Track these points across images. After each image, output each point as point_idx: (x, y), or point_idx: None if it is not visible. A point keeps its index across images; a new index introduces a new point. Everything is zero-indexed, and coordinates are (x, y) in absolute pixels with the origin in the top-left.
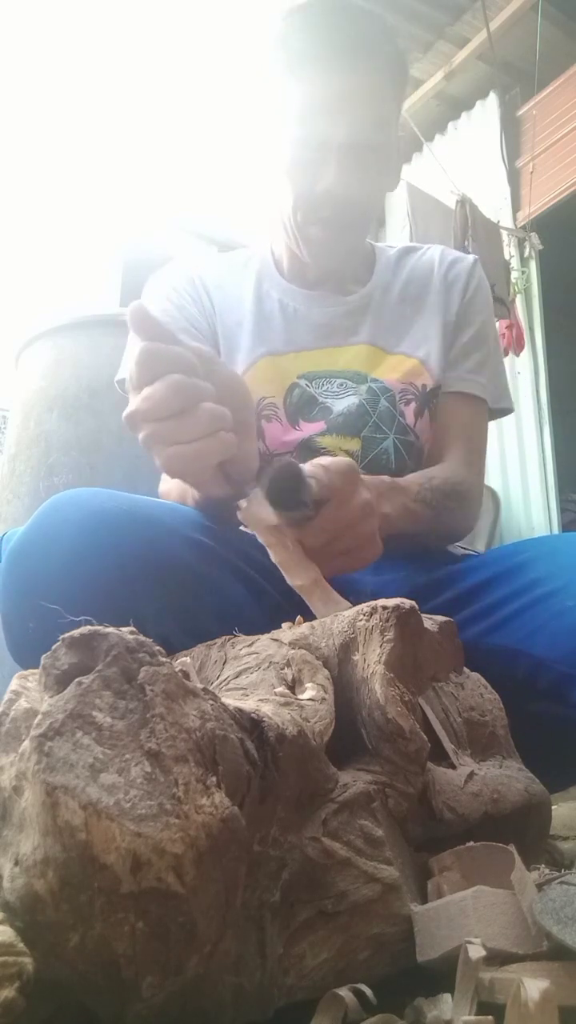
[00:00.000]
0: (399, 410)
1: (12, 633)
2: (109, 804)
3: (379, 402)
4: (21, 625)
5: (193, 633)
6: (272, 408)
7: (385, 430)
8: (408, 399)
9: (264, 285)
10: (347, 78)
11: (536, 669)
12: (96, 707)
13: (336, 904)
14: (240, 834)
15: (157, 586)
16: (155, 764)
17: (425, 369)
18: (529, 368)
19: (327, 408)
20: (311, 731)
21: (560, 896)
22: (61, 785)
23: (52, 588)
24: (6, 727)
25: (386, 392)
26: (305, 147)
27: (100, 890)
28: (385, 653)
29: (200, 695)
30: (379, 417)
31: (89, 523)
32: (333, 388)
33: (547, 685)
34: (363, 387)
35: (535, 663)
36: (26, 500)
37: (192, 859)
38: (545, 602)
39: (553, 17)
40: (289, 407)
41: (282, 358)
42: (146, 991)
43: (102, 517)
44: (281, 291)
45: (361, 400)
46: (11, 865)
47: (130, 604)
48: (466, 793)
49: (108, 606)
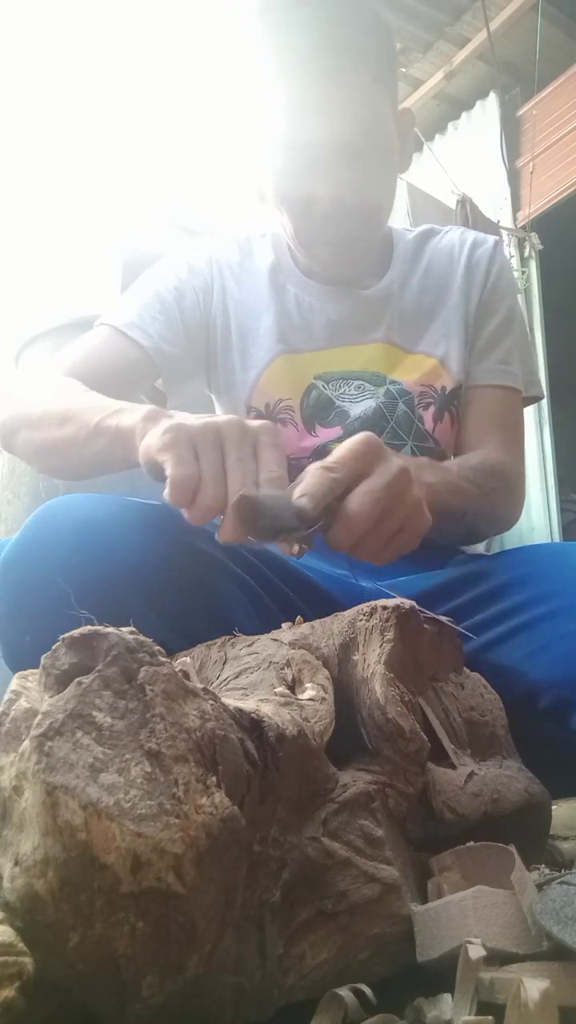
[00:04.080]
0: (417, 415)
1: (6, 641)
2: (109, 804)
3: (397, 406)
4: (15, 634)
5: (189, 639)
6: (288, 411)
7: (403, 436)
8: (427, 402)
9: (279, 278)
10: (324, 86)
11: (535, 691)
12: (96, 707)
13: (336, 904)
14: (240, 834)
15: (151, 593)
16: (155, 764)
17: (445, 370)
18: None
19: (344, 412)
20: (311, 731)
21: (560, 896)
22: (61, 785)
23: (45, 597)
24: (6, 727)
25: (404, 395)
26: (294, 170)
27: (100, 890)
28: (385, 653)
29: (200, 695)
30: (397, 422)
31: (81, 531)
32: (350, 390)
33: (546, 707)
34: (381, 390)
35: (534, 685)
36: (26, 500)
37: (192, 859)
38: (547, 622)
39: (553, 17)
40: (305, 410)
41: (299, 357)
42: (146, 991)
43: (94, 524)
44: (297, 284)
45: (378, 404)
46: (11, 865)
47: (124, 612)
48: (466, 793)
49: (102, 614)
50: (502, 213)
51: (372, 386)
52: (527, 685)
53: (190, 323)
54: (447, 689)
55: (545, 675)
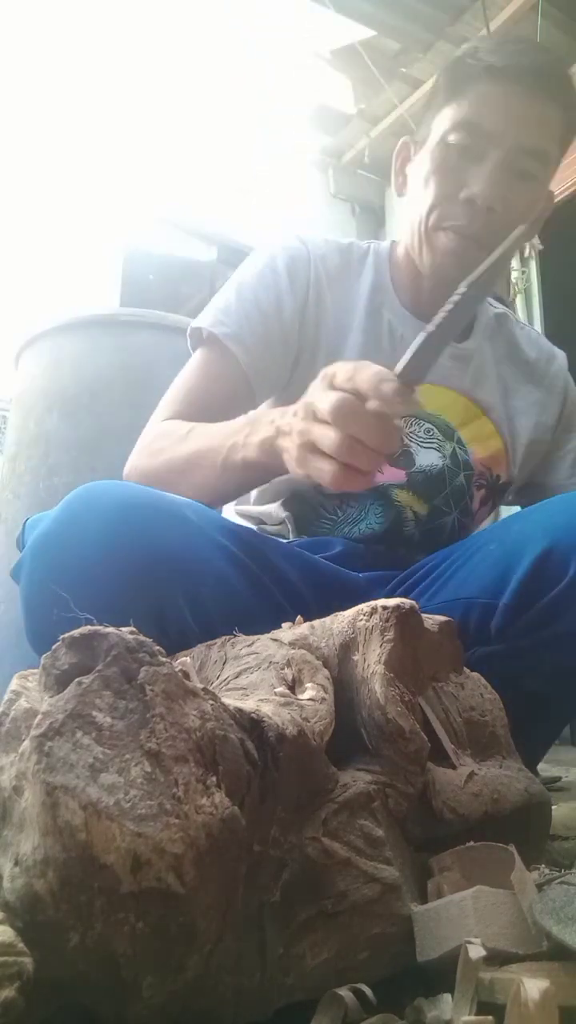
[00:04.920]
0: (470, 492)
1: (33, 619)
2: (109, 804)
3: (458, 477)
4: (44, 612)
5: (208, 632)
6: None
7: (452, 506)
8: (481, 484)
9: (377, 299)
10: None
11: (467, 611)
12: (96, 707)
13: (336, 904)
14: (240, 834)
15: (181, 581)
16: (155, 764)
17: (507, 458)
18: None
19: (410, 456)
20: (311, 731)
21: (560, 896)
22: (61, 785)
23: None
24: (6, 727)
25: (467, 469)
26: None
27: (100, 890)
28: (385, 653)
29: (200, 695)
30: (452, 491)
31: (118, 514)
32: (420, 433)
33: (476, 625)
34: (448, 446)
35: (467, 605)
36: (26, 500)
37: (192, 859)
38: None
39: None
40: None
41: None
42: (146, 991)
43: (131, 509)
44: (393, 312)
45: (444, 465)
46: (11, 865)
47: (154, 596)
48: (466, 793)
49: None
50: None
51: (441, 436)
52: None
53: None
54: (447, 689)
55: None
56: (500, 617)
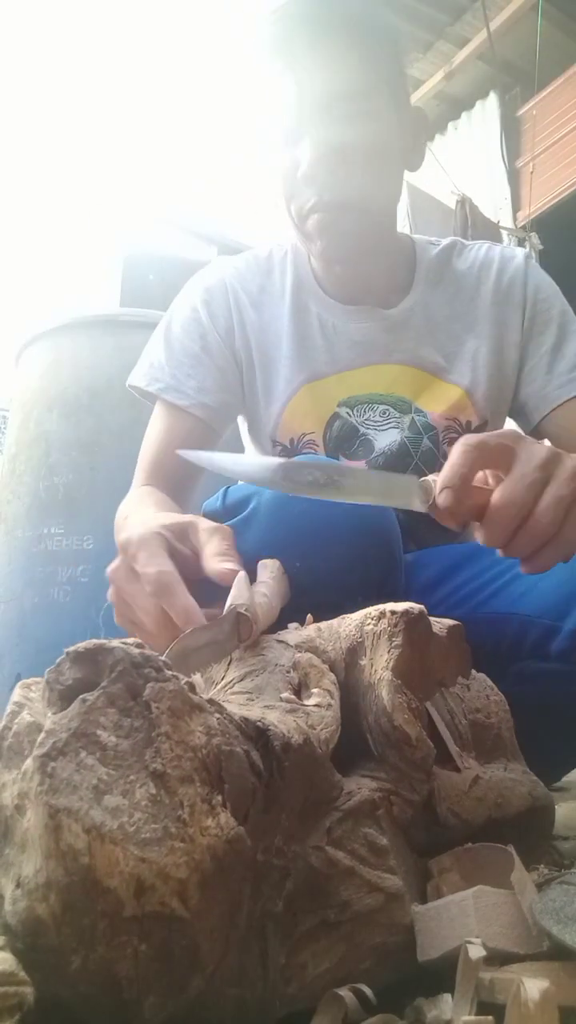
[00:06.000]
0: (442, 451)
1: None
2: (113, 828)
3: (422, 441)
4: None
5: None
6: (312, 446)
7: (425, 470)
8: (452, 437)
9: (302, 296)
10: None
11: (524, 628)
12: (100, 725)
13: (339, 914)
14: (245, 854)
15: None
16: (160, 786)
17: (471, 402)
18: None
19: (369, 443)
20: (317, 739)
21: (560, 896)
22: (64, 808)
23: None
24: (8, 741)
25: (429, 430)
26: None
27: (103, 913)
28: (393, 659)
29: (206, 708)
30: (421, 458)
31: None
32: (375, 416)
33: (533, 642)
34: (406, 419)
35: (524, 622)
36: (26, 500)
37: (197, 883)
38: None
39: (553, 17)
40: (329, 442)
41: (322, 383)
42: (148, 1011)
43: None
44: (320, 304)
45: (403, 438)
46: (13, 887)
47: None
48: (470, 798)
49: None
50: (502, 213)
51: (398, 412)
52: (518, 624)
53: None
54: (453, 690)
55: (534, 610)
56: (566, 640)
